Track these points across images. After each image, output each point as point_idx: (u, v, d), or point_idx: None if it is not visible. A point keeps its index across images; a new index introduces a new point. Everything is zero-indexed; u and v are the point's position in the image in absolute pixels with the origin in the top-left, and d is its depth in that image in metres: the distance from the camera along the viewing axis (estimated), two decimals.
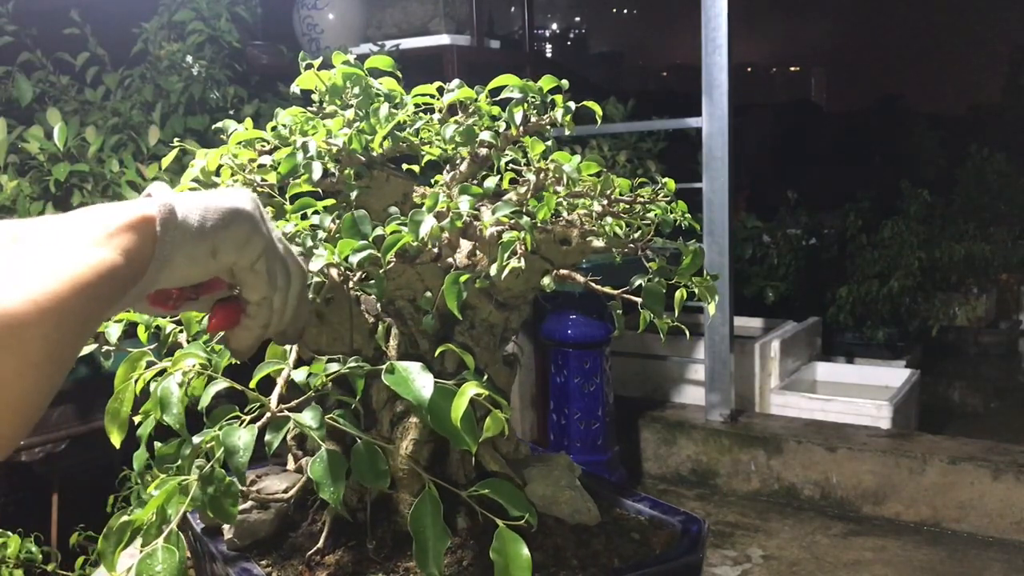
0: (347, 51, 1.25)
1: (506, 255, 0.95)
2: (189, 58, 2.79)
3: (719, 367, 3.36)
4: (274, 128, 1.23)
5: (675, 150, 4.13)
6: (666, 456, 3.49)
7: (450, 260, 1.12)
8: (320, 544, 1.16)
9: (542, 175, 1.08)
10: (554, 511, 1.22)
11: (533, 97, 1.14)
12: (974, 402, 5.06)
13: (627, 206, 1.12)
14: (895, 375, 4.17)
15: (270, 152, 1.21)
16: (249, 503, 1.22)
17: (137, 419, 1.02)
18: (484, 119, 1.17)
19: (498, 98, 1.18)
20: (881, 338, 4.92)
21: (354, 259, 0.95)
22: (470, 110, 1.18)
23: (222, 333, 0.74)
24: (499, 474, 1.24)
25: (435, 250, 1.07)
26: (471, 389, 0.82)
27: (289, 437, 1.28)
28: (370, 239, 0.97)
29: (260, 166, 1.20)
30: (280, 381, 0.89)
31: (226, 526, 1.22)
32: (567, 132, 1.17)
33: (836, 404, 3.57)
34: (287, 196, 1.22)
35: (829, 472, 3.14)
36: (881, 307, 4.90)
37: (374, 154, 1.21)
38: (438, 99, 1.19)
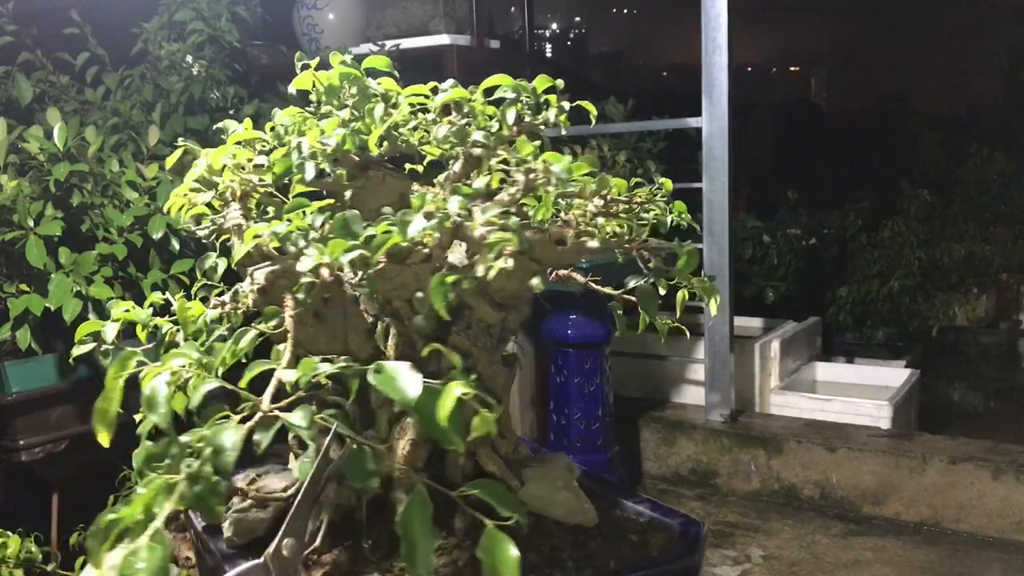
0: (347, 51, 1.25)
1: (492, 256, 0.95)
2: (189, 58, 2.79)
3: (719, 367, 3.36)
4: (272, 128, 1.23)
5: (675, 150, 4.13)
6: (666, 456, 3.49)
7: (448, 260, 1.12)
8: (317, 543, 1.17)
9: (531, 175, 1.07)
10: (550, 512, 1.22)
11: (527, 97, 1.14)
12: (974, 402, 5.05)
13: (625, 206, 1.12)
14: (895, 375, 4.17)
15: (268, 152, 1.21)
16: (248, 502, 1.23)
17: (138, 418, 1.02)
18: (480, 119, 1.17)
19: (492, 98, 1.18)
20: (881, 338, 4.92)
21: (344, 259, 0.95)
22: (464, 110, 1.18)
23: None
24: (494, 475, 1.24)
25: (426, 251, 1.07)
26: (457, 388, 0.82)
27: (291, 436, 1.29)
28: (361, 239, 0.97)
29: (257, 166, 1.20)
30: (273, 380, 0.89)
31: (225, 524, 1.23)
32: (563, 132, 1.17)
33: (836, 404, 3.57)
34: (290, 196, 1.23)
35: (829, 472, 3.14)
36: (881, 307, 4.89)
37: (371, 154, 1.21)
38: (431, 99, 1.19)
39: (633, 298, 1.12)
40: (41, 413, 2.27)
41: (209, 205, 1.24)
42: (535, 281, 1.05)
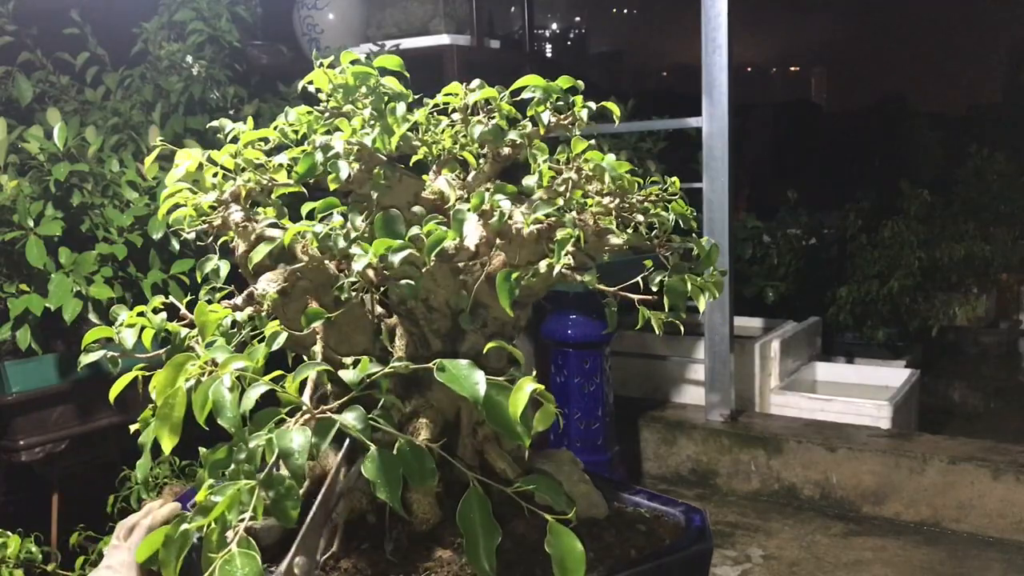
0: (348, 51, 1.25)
1: (563, 252, 0.97)
2: (189, 58, 2.79)
3: (719, 367, 3.36)
4: (277, 127, 1.23)
5: (675, 150, 4.13)
6: (666, 456, 3.49)
7: (500, 257, 1.12)
8: (334, 548, 1.16)
9: (581, 173, 1.09)
10: None
11: (555, 98, 1.15)
12: (974, 402, 5.05)
13: (641, 203, 1.13)
14: (895, 375, 4.17)
15: (276, 151, 1.21)
16: None
17: (135, 427, 1.01)
18: (500, 119, 1.17)
19: (517, 99, 1.19)
20: (881, 338, 4.92)
21: (395, 259, 0.95)
22: (490, 109, 1.18)
23: None
24: (504, 472, 1.24)
25: (472, 249, 1.07)
26: (528, 385, 0.84)
27: None
28: (406, 238, 0.97)
29: (280, 165, 1.20)
30: (309, 382, 0.89)
31: (229, 533, 1.22)
32: (577, 131, 1.18)
33: (836, 404, 3.57)
34: (273, 196, 1.22)
35: (829, 472, 3.14)
36: (881, 307, 4.89)
37: (392, 153, 1.21)
38: (459, 98, 1.19)
39: (632, 295, 1.12)
40: (41, 413, 2.27)
41: (197, 207, 1.22)
42: (588, 277, 1.06)
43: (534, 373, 0.90)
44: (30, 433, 2.26)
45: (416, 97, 1.20)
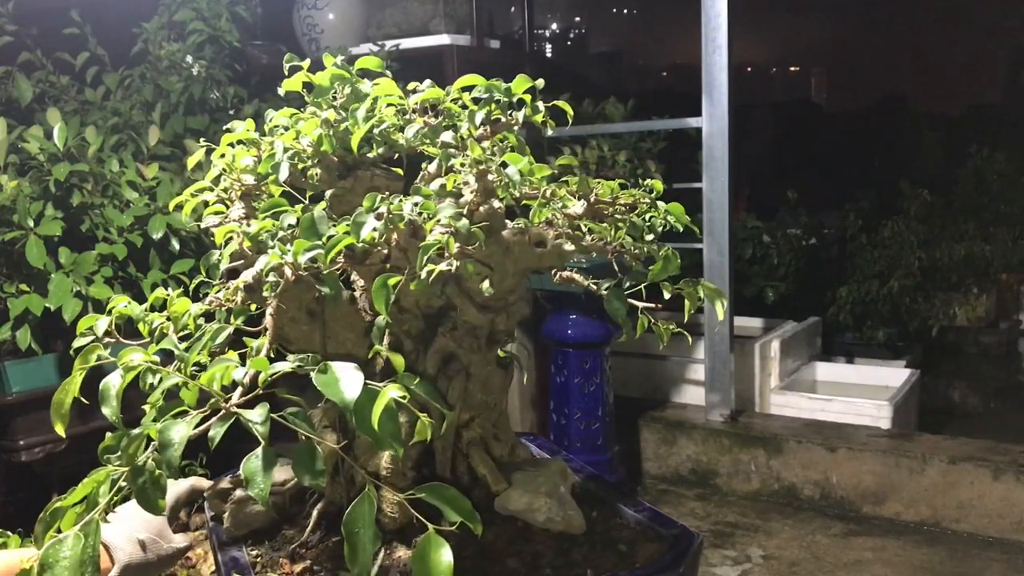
0: (346, 51, 1.25)
1: (425, 258, 0.95)
2: (189, 58, 2.79)
3: (719, 367, 3.36)
4: (274, 127, 1.24)
5: (675, 150, 4.13)
6: (666, 456, 3.49)
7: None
8: (305, 537, 1.18)
9: (487, 177, 1.07)
10: (529, 518, 1.22)
11: (501, 97, 1.13)
12: (974, 402, 5.05)
13: (611, 208, 1.12)
14: (895, 375, 4.17)
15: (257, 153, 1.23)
16: (247, 494, 1.25)
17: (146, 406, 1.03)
18: (460, 117, 1.17)
19: (473, 95, 1.18)
20: (881, 338, 4.91)
21: (302, 259, 0.96)
22: (439, 110, 1.18)
23: None
24: (485, 477, 1.24)
25: (384, 251, 1.07)
26: (391, 392, 0.82)
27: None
28: (324, 239, 0.98)
29: (246, 166, 1.22)
30: (243, 378, 0.89)
31: (226, 515, 1.25)
32: (549, 131, 1.17)
33: (836, 404, 3.57)
34: (278, 195, 1.23)
35: (829, 472, 3.14)
36: (881, 307, 4.89)
37: (366, 155, 1.21)
38: (406, 100, 1.19)
39: (637, 304, 1.12)
40: (41, 413, 2.27)
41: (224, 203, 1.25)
42: (484, 284, 1.05)
43: (407, 379, 0.88)
44: (30, 433, 2.26)
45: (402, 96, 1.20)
